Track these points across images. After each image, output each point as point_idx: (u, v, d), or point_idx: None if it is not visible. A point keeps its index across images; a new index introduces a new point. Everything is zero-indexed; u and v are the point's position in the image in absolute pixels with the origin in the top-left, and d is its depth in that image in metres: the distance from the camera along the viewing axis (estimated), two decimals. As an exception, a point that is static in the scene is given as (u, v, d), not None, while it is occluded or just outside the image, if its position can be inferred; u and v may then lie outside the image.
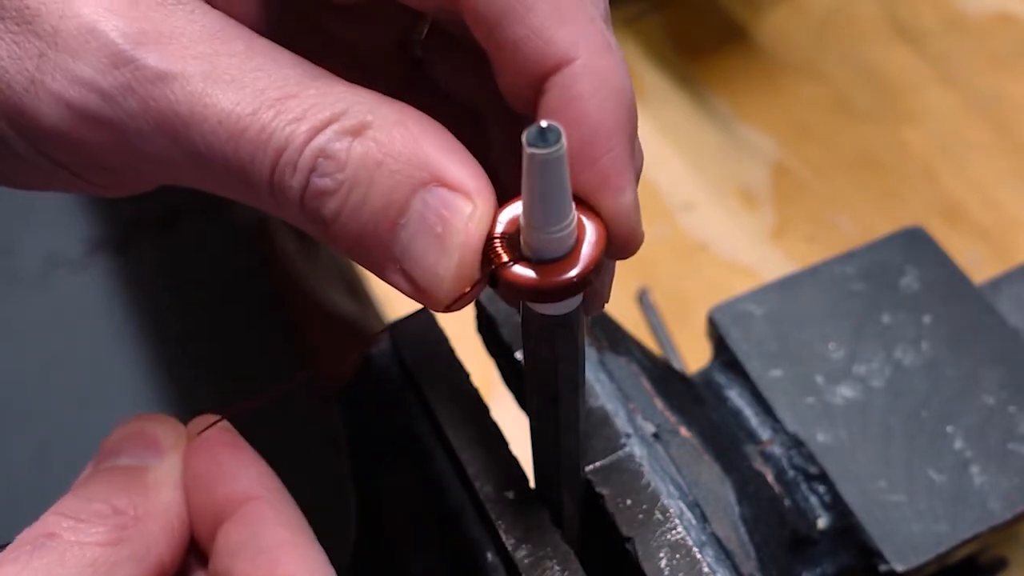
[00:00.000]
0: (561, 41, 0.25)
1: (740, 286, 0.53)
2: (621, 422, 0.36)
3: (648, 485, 0.34)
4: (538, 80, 0.26)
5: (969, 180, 0.68)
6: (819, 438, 0.44)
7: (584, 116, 0.25)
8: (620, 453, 0.35)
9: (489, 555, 0.34)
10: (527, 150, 0.22)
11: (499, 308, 0.38)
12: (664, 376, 0.42)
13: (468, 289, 0.25)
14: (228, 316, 1.48)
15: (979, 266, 0.63)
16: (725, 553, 0.35)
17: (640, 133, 0.27)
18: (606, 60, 0.26)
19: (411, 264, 0.26)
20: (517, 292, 0.25)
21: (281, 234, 1.29)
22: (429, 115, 0.26)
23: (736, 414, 0.45)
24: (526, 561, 0.32)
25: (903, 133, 0.71)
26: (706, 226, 0.66)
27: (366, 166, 0.25)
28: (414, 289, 0.26)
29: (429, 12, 0.30)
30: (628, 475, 0.35)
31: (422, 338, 0.37)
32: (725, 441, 0.42)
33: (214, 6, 0.27)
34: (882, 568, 0.41)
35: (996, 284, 0.52)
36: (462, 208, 0.25)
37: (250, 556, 0.28)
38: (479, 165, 0.26)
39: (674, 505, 0.35)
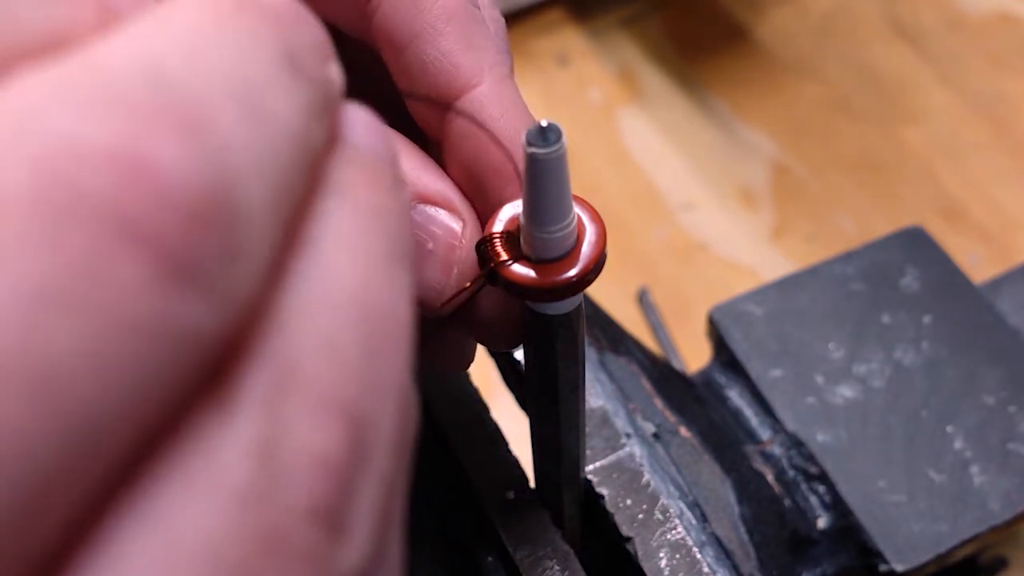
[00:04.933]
0: (467, 65, 0.26)
1: (740, 286, 0.53)
2: (621, 422, 0.36)
3: (648, 485, 0.34)
4: (443, 100, 0.26)
5: (969, 180, 0.68)
6: (819, 438, 0.44)
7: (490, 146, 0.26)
8: (620, 453, 0.35)
9: (489, 555, 0.34)
10: (528, 150, 0.22)
11: (499, 308, 0.38)
12: (664, 376, 0.42)
13: (465, 290, 0.25)
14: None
15: (979, 266, 0.63)
16: (725, 553, 0.35)
17: (640, 133, 0.27)
18: (508, 86, 0.26)
19: None
20: (517, 291, 0.25)
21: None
22: None
23: (736, 414, 0.45)
24: (526, 561, 0.32)
25: (903, 133, 0.71)
26: (706, 226, 0.65)
27: None
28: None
29: (338, 26, 0.29)
30: (628, 475, 0.35)
31: (422, 338, 0.37)
32: (725, 441, 0.42)
33: None
34: (882, 568, 0.41)
35: (996, 284, 0.52)
36: (449, 223, 0.25)
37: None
38: (448, 178, 0.26)
39: (674, 505, 0.35)
